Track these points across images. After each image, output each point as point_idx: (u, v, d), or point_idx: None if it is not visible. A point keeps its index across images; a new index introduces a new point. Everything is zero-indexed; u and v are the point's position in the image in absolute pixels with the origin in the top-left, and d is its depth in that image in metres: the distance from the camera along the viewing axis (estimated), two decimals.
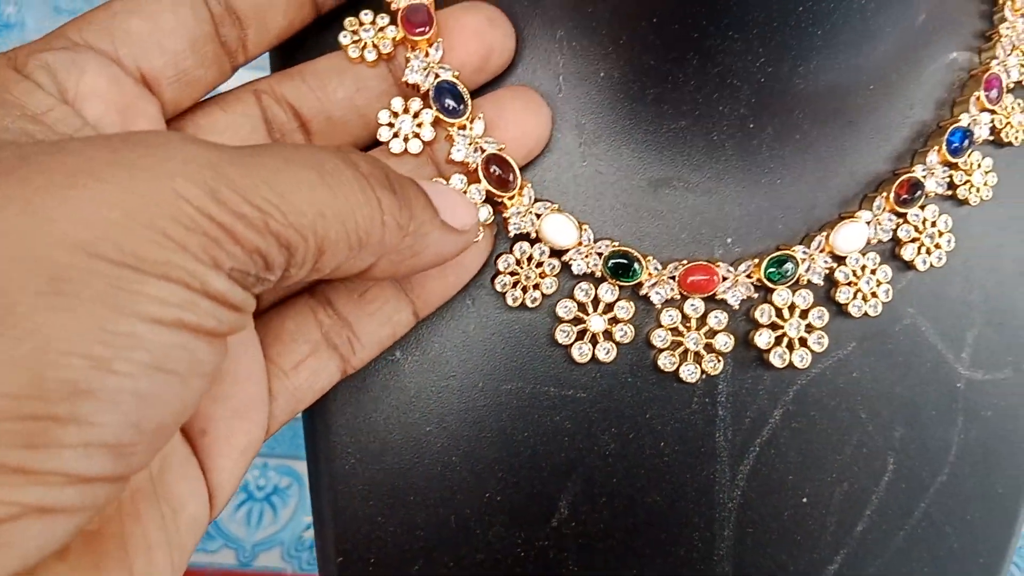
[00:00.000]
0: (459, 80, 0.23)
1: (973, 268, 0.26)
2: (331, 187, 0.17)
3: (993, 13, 0.27)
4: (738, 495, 0.25)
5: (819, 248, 0.24)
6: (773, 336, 0.24)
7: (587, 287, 0.24)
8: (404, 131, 0.23)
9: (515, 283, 0.24)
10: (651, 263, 0.24)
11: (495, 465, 0.25)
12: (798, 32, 0.22)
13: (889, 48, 0.24)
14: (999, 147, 0.26)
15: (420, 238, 0.20)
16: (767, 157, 0.25)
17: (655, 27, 0.23)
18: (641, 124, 0.24)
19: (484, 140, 0.23)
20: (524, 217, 0.24)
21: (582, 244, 0.24)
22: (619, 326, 0.24)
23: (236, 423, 0.20)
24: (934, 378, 0.26)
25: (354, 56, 0.23)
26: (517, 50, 0.25)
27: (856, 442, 0.26)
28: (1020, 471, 0.27)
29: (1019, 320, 0.27)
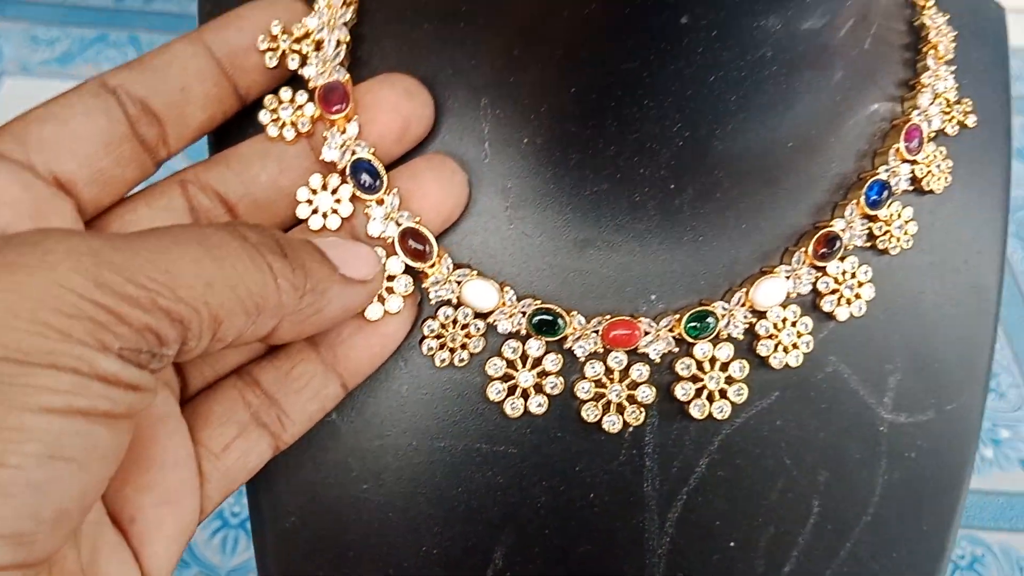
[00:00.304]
0: (375, 156, 0.24)
1: (894, 315, 0.27)
2: (217, 259, 0.18)
3: (916, 61, 0.28)
4: (667, 542, 0.26)
5: (739, 303, 0.25)
6: (693, 388, 0.25)
7: (515, 344, 0.25)
8: (322, 208, 0.24)
9: (441, 345, 0.25)
10: (575, 318, 0.25)
11: (431, 520, 0.26)
12: (712, 99, 0.23)
13: (806, 107, 0.25)
14: (921, 194, 0.27)
15: (320, 295, 0.20)
16: (689, 216, 0.25)
17: (573, 97, 0.23)
18: (565, 188, 0.25)
19: (399, 214, 0.24)
20: (444, 286, 0.24)
21: (505, 305, 0.25)
22: (549, 378, 0.25)
23: (166, 509, 0.21)
24: (857, 423, 0.27)
25: (273, 135, 0.24)
26: (443, 118, 0.25)
27: (781, 487, 0.26)
28: (945, 509, 0.28)
29: (940, 364, 0.27)
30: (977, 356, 0.28)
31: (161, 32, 0.66)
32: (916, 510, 0.28)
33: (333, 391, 0.24)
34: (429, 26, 0.25)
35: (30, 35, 0.65)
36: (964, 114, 0.27)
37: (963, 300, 0.28)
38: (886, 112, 0.27)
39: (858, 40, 0.25)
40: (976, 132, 0.28)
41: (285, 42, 0.24)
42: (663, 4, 0.20)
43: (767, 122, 0.24)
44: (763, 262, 0.26)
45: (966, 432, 0.28)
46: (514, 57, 0.23)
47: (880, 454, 0.27)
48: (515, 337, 0.25)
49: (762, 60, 0.22)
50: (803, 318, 0.26)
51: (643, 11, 0.21)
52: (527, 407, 0.25)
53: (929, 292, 0.27)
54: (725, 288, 0.26)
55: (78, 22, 0.66)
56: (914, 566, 0.28)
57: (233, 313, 0.18)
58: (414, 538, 0.26)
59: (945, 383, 0.28)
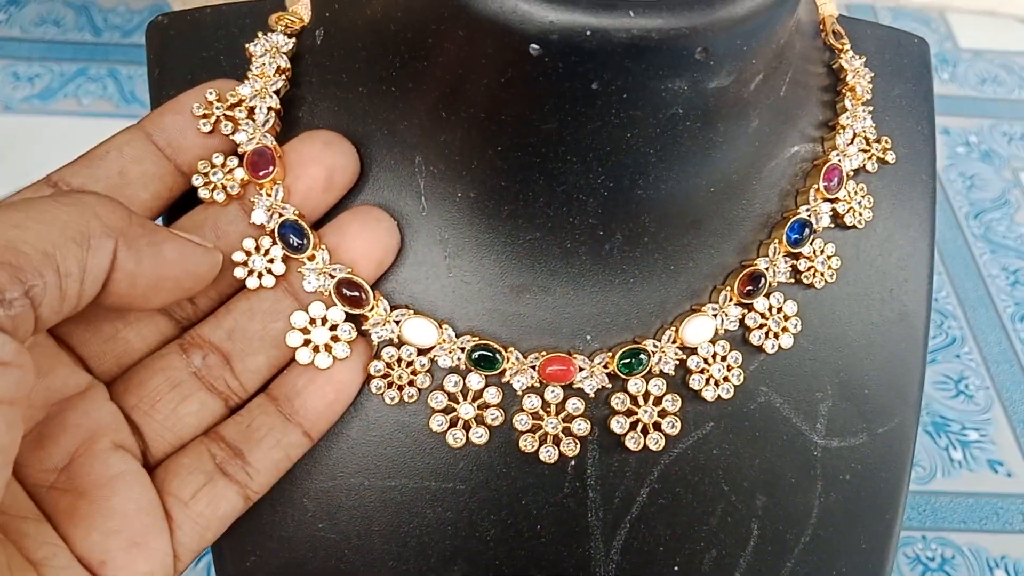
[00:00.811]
0: (300, 216, 0.25)
1: (822, 345, 0.28)
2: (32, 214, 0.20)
3: (836, 103, 0.29)
4: (613, 568, 0.27)
5: (670, 340, 0.26)
6: (628, 422, 0.26)
7: (456, 378, 0.26)
8: (257, 268, 0.25)
9: (389, 384, 0.26)
10: (513, 353, 0.26)
11: (386, 555, 0.27)
12: (632, 152, 0.24)
13: (725, 154, 0.26)
14: (844, 229, 0.28)
15: (150, 231, 0.22)
16: (619, 259, 0.27)
17: (500, 154, 0.25)
18: (500, 237, 0.26)
19: (332, 267, 0.25)
20: (384, 326, 0.26)
21: (445, 341, 0.26)
22: (489, 410, 0.26)
23: (135, 551, 0.23)
24: (791, 448, 0.28)
25: (204, 196, 0.25)
26: (382, 174, 0.26)
27: (721, 512, 0.28)
28: (883, 526, 0.29)
29: (870, 389, 0.29)
30: (907, 380, 0.29)
31: (140, 65, 0.68)
32: (854, 529, 0.29)
33: (296, 439, 0.25)
34: (363, 89, 0.26)
35: (11, 72, 0.66)
36: (883, 151, 0.28)
37: (890, 328, 0.29)
38: (807, 153, 0.28)
39: (773, 88, 0.26)
40: (899, 166, 0.29)
41: (219, 109, 0.26)
42: (572, 72, 0.22)
43: (687, 170, 0.25)
44: (692, 300, 0.27)
45: (900, 452, 0.29)
46: (441, 118, 0.24)
47: (815, 477, 0.28)
48: (455, 372, 0.26)
49: (675, 117, 0.23)
50: (732, 352, 0.27)
51: (555, 79, 0.22)
52: (468, 438, 0.26)
53: (856, 322, 0.28)
54: (657, 326, 0.27)
55: (58, 57, 0.67)
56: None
57: (67, 247, 0.20)
58: (369, 573, 0.27)
59: (876, 407, 0.29)
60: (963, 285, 0.61)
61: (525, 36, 0.21)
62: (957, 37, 0.73)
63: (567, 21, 0.21)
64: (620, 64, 0.22)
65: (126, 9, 0.71)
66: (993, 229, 0.64)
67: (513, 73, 0.22)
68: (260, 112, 0.26)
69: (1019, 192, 0.66)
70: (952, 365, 0.58)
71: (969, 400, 0.57)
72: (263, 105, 0.26)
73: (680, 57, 0.22)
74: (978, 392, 0.57)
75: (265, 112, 0.26)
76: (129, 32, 0.70)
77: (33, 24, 0.69)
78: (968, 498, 0.53)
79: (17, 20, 0.69)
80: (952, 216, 0.65)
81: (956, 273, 0.62)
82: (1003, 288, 0.61)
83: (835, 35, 0.29)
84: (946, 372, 0.58)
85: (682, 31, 0.21)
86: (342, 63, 0.27)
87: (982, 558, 0.51)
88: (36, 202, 0.20)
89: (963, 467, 0.54)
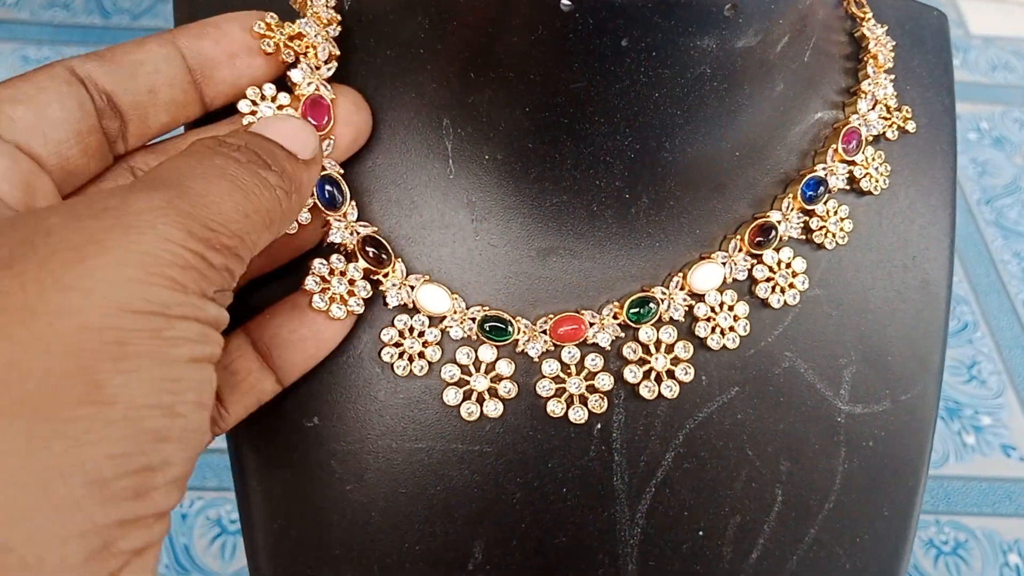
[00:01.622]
0: (342, 176, 0.26)
1: (845, 311, 0.28)
2: (239, 188, 0.20)
3: (857, 70, 0.29)
4: (638, 532, 0.28)
5: (677, 287, 0.27)
6: (641, 371, 0.26)
7: (468, 350, 0.26)
8: None
9: (401, 354, 0.26)
10: (522, 321, 0.26)
11: (412, 518, 0.27)
12: (659, 113, 0.24)
13: (750, 118, 0.26)
14: (861, 195, 0.28)
15: (298, 188, 0.22)
16: (645, 223, 0.27)
17: (528, 115, 0.25)
18: (526, 200, 0.26)
19: (359, 224, 0.26)
20: (401, 289, 0.26)
21: (456, 312, 0.26)
22: (503, 383, 0.27)
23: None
24: (815, 415, 0.28)
25: None
26: (409, 136, 0.27)
27: (745, 477, 0.28)
28: (905, 494, 0.29)
29: (893, 356, 0.29)
30: (929, 348, 0.29)
31: None
32: (877, 496, 0.29)
33: (269, 387, 0.25)
34: (391, 52, 0.26)
35: (21, 55, 0.66)
36: (904, 120, 0.29)
37: (912, 295, 0.29)
38: (829, 119, 0.28)
39: (797, 54, 0.26)
40: (919, 136, 0.30)
41: (280, 36, 0.25)
42: (603, 29, 0.22)
43: (713, 133, 0.26)
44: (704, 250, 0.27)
45: (922, 420, 0.30)
46: (470, 79, 0.25)
47: (839, 443, 0.29)
48: (467, 343, 0.27)
49: (702, 77, 0.24)
50: (740, 303, 0.27)
51: (585, 35, 0.22)
52: (483, 411, 0.26)
53: (878, 288, 0.29)
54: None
55: (67, 40, 0.67)
56: (877, 549, 0.29)
57: (261, 235, 0.20)
58: (397, 535, 0.27)
59: (899, 374, 0.29)
60: (975, 271, 0.61)
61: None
62: (968, 24, 0.73)
63: None
64: (650, 20, 0.22)
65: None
66: (1005, 215, 0.64)
67: (544, 30, 0.22)
68: (322, 52, 0.26)
69: None
70: (965, 350, 0.59)
71: (982, 385, 0.57)
72: (324, 47, 0.26)
73: (709, 14, 0.22)
74: (991, 377, 0.57)
75: (326, 55, 0.26)
76: (138, 15, 0.70)
77: (42, 7, 0.69)
78: (981, 482, 0.53)
79: (27, 3, 0.69)
80: (964, 202, 0.65)
81: (968, 259, 0.62)
82: (1015, 274, 0.61)
83: (857, 4, 0.29)
84: (959, 357, 0.58)
85: None
86: (369, 27, 0.27)
87: (995, 542, 0.51)
88: (238, 178, 0.20)
89: (976, 451, 0.54)
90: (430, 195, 0.27)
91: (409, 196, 0.27)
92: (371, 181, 0.27)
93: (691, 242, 0.27)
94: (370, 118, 0.26)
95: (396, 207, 0.27)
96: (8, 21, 0.69)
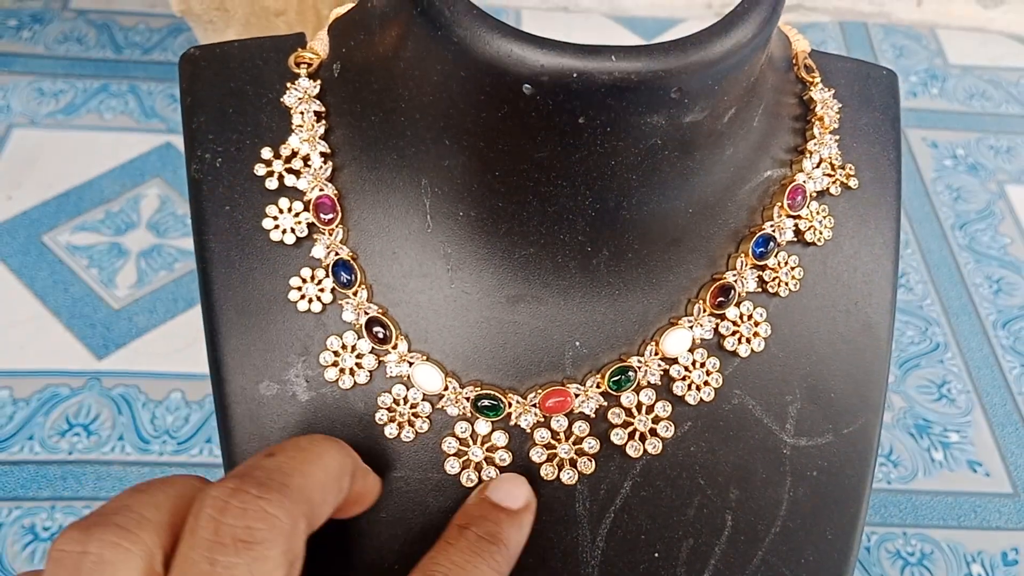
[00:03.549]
0: (353, 258, 0.29)
1: (792, 352, 0.31)
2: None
3: (805, 130, 0.32)
4: (599, 554, 0.30)
5: (652, 354, 0.29)
6: (626, 432, 0.29)
7: (465, 425, 0.29)
8: (309, 294, 0.30)
9: (391, 419, 0.29)
10: (513, 397, 0.29)
11: (391, 540, 0.30)
12: (616, 177, 0.27)
13: (701, 179, 0.29)
14: (806, 247, 0.31)
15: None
16: (605, 273, 0.29)
17: (498, 178, 0.27)
18: (497, 252, 0.29)
19: (367, 305, 0.29)
20: (399, 364, 0.29)
21: (448, 390, 0.29)
22: (498, 452, 0.29)
23: None
24: (762, 447, 0.31)
25: (276, 239, 0.30)
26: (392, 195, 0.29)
27: (697, 504, 0.30)
28: (847, 518, 0.32)
29: (835, 393, 0.31)
30: (871, 386, 0.32)
31: (159, 81, 0.70)
32: (821, 521, 0.32)
33: None
34: (375, 118, 0.29)
35: (36, 88, 0.69)
36: (847, 176, 0.31)
37: (855, 337, 0.32)
38: (777, 176, 0.31)
39: (746, 120, 0.29)
40: (865, 189, 0.32)
41: (279, 165, 0.30)
42: (561, 108, 0.24)
43: (667, 194, 0.28)
44: (670, 312, 0.30)
45: (863, 451, 0.32)
46: (445, 146, 0.27)
47: (785, 473, 0.31)
48: (464, 419, 0.29)
49: (654, 147, 0.26)
50: (711, 358, 0.30)
51: (546, 114, 0.25)
52: (480, 478, 0.29)
53: (823, 331, 0.31)
54: (638, 334, 0.30)
55: (81, 74, 0.70)
56: (822, 571, 0.32)
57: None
58: (376, 557, 0.30)
59: (841, 410, 0.32)
60: (947, 293, 0.64)
61: (519, 77, 0.24)
62: (947, 53, 0.76)
63: (556, 64, 0.24)
64: (603, 102, 0.24)
65: (146, 28, 0.74)
66: (978, 239, 0.67)
67: (509, 108, 0.25)
68: (315, 159, 0.30)
69: (1004, 204, 0.69)
70: (935, 370, 0.61)
71: (951, 403, 0.59)
72: (315, 153, 0.30)
73: (657, 96, 0.25)
74: (960, 396, 0.60)
75: (320, 160, 0.30)
76: (149, 50, 0.72)
77: (57, 42, 0.72)
78: (948, 497, 0.56)
79: (41, 38, 0.72)
80: (938, 227, 0.68)
81: (941, 281, 0.64)
82: (986, 296, 0.64)
83: (807, 69, 0.32)
84: (929, 376, 0.61)
85: (658, 73, 0.24)
86: (356, 94, 0.30)
87: (960, 554, 0.53)
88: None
89: (944, 467, 0.57)
90: (410, 247, 0.29)
91: (391, 247, 0.29)
92: (357, 234, 0.30)
93: (648, 291, 0.30)
94: None
95: (379, 257, 0.30)
96: (24, 55, 0.71)
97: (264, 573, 0.21)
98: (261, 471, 0.23)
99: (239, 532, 0.21)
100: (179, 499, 0.23)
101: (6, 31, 0.72)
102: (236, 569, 0.20)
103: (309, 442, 0.25)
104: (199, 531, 0.21)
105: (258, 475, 0.23)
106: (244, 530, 0.21)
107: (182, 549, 0.21)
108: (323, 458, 0.25)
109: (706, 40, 0.24)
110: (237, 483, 0.22)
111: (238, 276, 0.30)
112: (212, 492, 0.22)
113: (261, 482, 0.22)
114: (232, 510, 0.21)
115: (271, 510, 0.22)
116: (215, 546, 0.21)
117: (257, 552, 0.21)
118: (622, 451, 0.29)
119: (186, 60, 0.32)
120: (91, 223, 0.62)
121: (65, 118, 0.67)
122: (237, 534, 0.21)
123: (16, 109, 0.67)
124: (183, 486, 0.23)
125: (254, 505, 0.21)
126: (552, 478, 0.29)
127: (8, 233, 0.61)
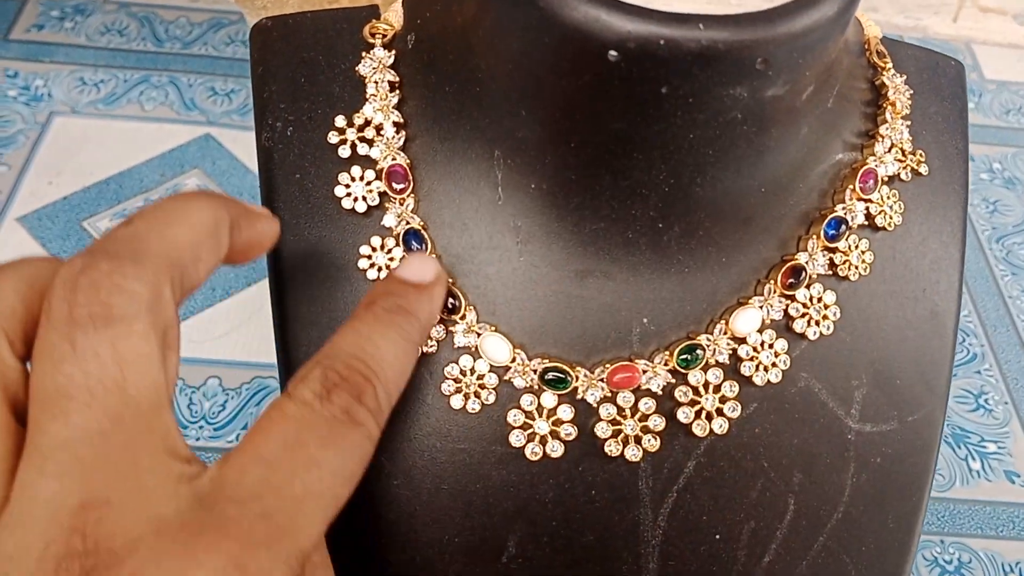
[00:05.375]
0: (424, 227, 0.29)
1: (859, 337, 0.31)
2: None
3: (876, 116, 0.32)
4: (659, 534, 0.30)
5: (721, 333, 0.29)
6: (692, 411, 0.29)
7: (531, 398, 0.29)
8: (379, 263, 0.30)
9: (457, 390, 0.29)
10: (580, 371, 0.29)
11: (452, 512, 0.30)
12: (692, 152, 0.27)
13: (776, 158, 0.29)
14: (875, 231, 0.31)
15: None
16: (675, 250, 0.29)
17: (573, 150, 0.27)
18: (567, 226, 0.29)
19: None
20: (467, 335, 0.29)
21: (516, 361, 0.29)
22: (564, 426, 0.29)
23: None
24: (827, 431, 0.30)
25: (348, 207, 0.30)
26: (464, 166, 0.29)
27: (760, 487, 0.30)
28: (908, 508, 0.32)
29: (901, 380, 0.31)
30: (936, 374, 0.32)
31: (198, 74, 0.71)
32: (882, 509, 0.31)
33: None
34: (449, 89, 0.29)
35: (78, 77, 0.70)
36: (918, 163, 0.31)
37: (921, 325, 0.31)
38: (848, 159, 0.31)
39: (821, 100, 0.29)
40: (934, 177, 0.32)
41: (352, 134, 0.30)
42: (645, 78, 0.25)
43: (741, 171, 0.28)
44: (739, 292, 0.30)
45: (928, 440, 0.32)
46: (521, 117, 0.27)
47: (849, 459, 0.31)
48: (530, 392, 0.29)
49: (733, 121, 0.26)
50: (779, 340, 0.30)
51: (628, 83, 0.25)
52: (545, 452, 0.29)
53: (890, 317, 0.31)
54: (707, 313, 0.30)
55: (122, 65, 0.71)
56: (882, 559, 0.32)
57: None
58: (438, 528, 0.29)
59: (906, 397, 0.31)
60: (985, 305, 0.64)
61: (605, 43, 0.24)
62: (983, 68, 0.76)
63: (643, 31, 0.24)
64: (688, 71, 0.24)
65: (187, 22, 0.75)
66: (1015, 252, 0.67)
67: (591, 77, 0.25)
68: (388, 129, 0.30)
69: None
70: (972, 380, 0.61)
71: (988, 414, 0.59)
72: (388, 123, 0.30)
73: (743, 66, 0.25)
74: (997, 407, 0.59)
75: (393, 130, 0.30)
76: (189, 44, 0.73)
77: (98, 33, 0.73)
78: (985, 506, 0.55)
79: (83, 28, 0.73)
80: (976, 239, 0.68)
81: (978, 294, 0.64)
82: (1023, 309, 0.63)
83: (878, 54, 0.32)
84: (967, 387, 0.60)
85: (745, 43, 0.24)
86: (431, 65, 0.30)
87: (998, 563, 0.52)
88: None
89: (981, 477, 0.56)
90: (480, 218, 0.29)
91: (461, 219, 0.29)
92: (427, 204, 0.30)
93: (717, 270, 0.30)
94: None
95: (448, 228, 0.30)
96: (66, 45, 0.72)
97: (132, 347, 0.20)
98: (113, 242, 0.21)
99: (95, 309, 0.19)
100: (32, 282, 0.21)
101: (49, 20, 0.73)
102: (100, 347, 0.19)
103: (172, 201, 0.23)
104: (52, 313, 0.20)
105: (110, 247, 0.21)
106: (100, 306, 0.20)
107: (40, 333, 0.20)
108: (189, 215, 0.23)
109: (793, 12, 0.25)
110: (88, 259, 0.20)
111: (307, 244, 0.30)
112: (62, 272, 0.20)
113: (113, 255, 0.21)
114: (84, 288, 0.20)
115: (126, 283, 0.20)
116: (72, 326, 0.19)
117: (119, 328, 0.20)
118: (687, 430, 0.29)
119: (257, 31, 0.32)
120: (131, 210, 0.62)
121: (106, 108, 0.67)
122: (93, 311, 0.19)
123: (58, 97, 0.67)
124: (37, 267, 0.22)
125: (107, 280, 0.20)
126: (616, 454, 0.29)
127: (48, 218, 0.61)
